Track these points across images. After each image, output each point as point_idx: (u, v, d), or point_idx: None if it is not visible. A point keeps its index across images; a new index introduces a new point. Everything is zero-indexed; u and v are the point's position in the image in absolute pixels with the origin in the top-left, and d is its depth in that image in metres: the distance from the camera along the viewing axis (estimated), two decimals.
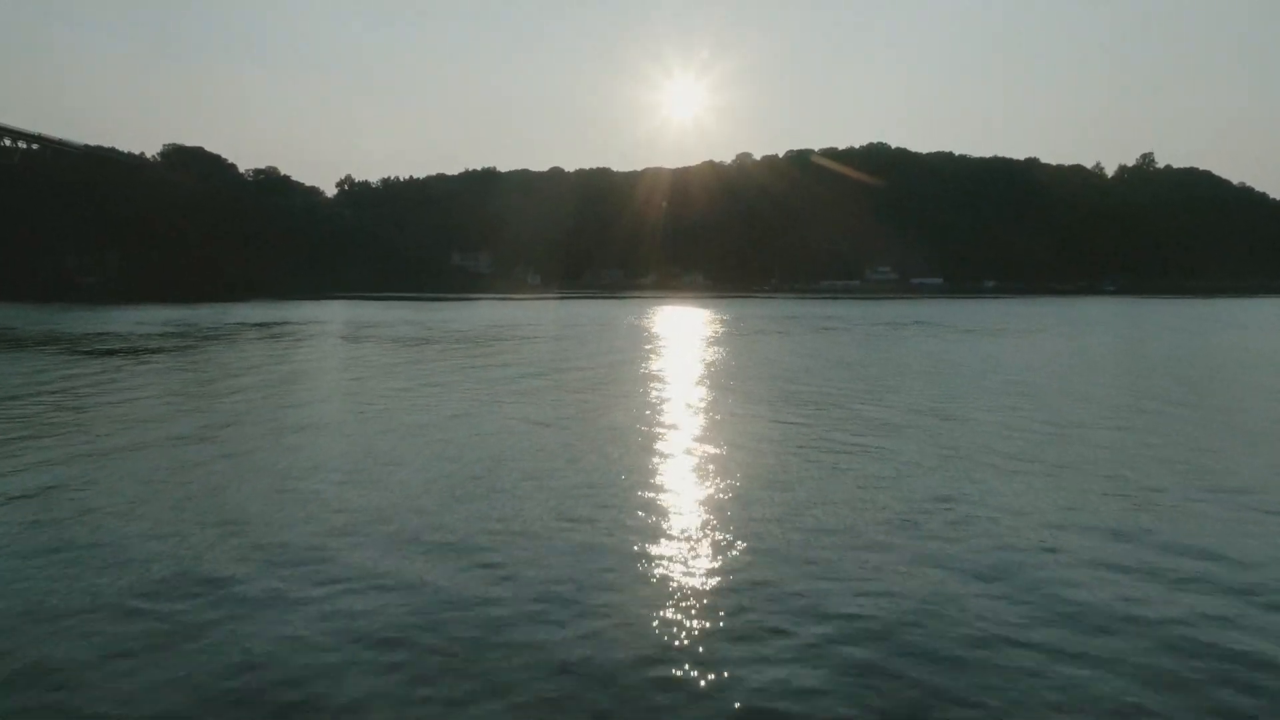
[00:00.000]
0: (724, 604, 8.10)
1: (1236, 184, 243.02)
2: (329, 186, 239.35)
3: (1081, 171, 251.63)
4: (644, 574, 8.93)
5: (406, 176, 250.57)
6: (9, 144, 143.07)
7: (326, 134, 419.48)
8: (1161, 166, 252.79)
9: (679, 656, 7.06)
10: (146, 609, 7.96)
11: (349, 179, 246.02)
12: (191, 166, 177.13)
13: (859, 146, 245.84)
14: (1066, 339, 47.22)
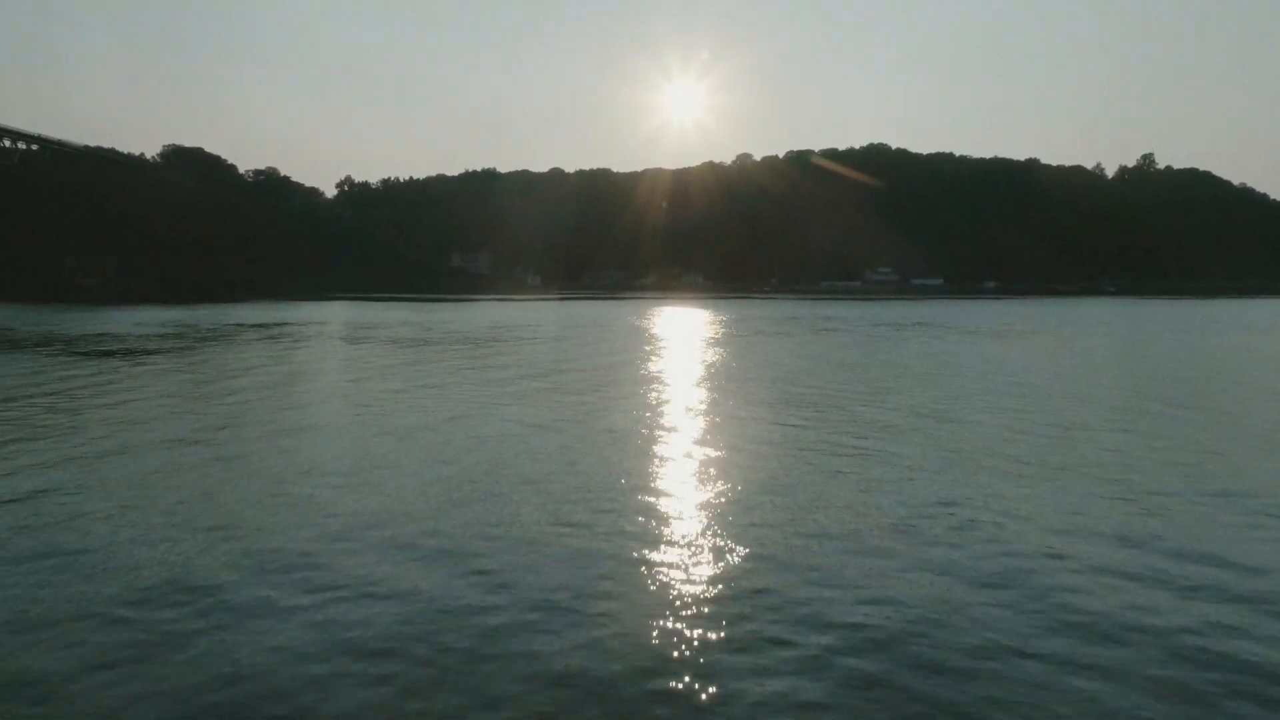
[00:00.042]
0: (724, 613, 7.91)
1: (1237, 185, 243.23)
2: (329, 187, 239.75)
3: (1082, 172, 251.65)
4: (642, 582, 8.74)
5: (406, 177, 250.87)
6: (8, 145, 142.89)
7: (326, 135, 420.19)
8: (1162, 167, 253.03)
9: (678, 668, 6.87)
10: (132, 618, 7.77)
11: (349, 180, 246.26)
12: (191, 167, 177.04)
13: (859, 147, 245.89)
14: (1067, 340, 47.06)
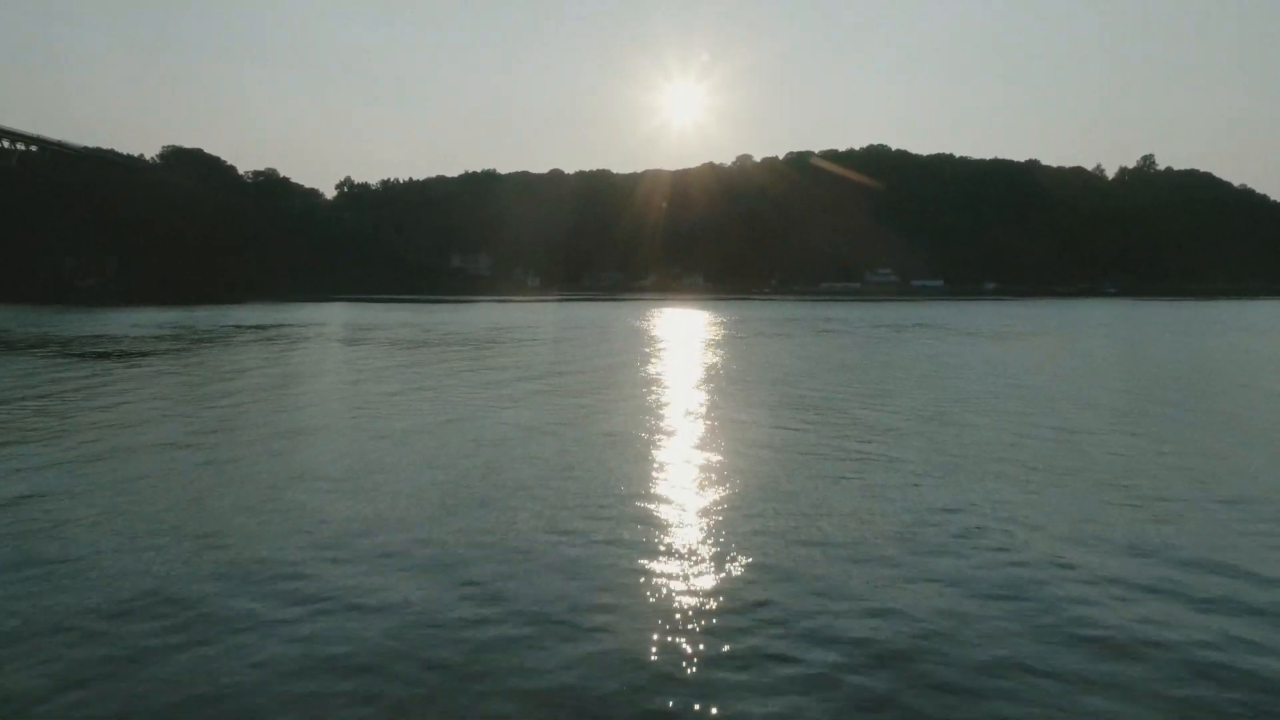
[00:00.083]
0: (724, 627, 7.64)
1: (1237, 186, 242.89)
2: (328, 188, 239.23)
3: (1082, 173, 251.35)
4: (640, 593, 8.47)
5: (406, 178, 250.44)
6: (7, 145, 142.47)
7: (326, 136, 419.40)
8: (1162, 168, 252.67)
9: (676, 687, 6.60)
10: (110, 631, 7.50)
11: (348, 181, 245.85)
12: (191, 168, 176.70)
13: (859, 148, 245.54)
14: (1068, 342, 46.79)
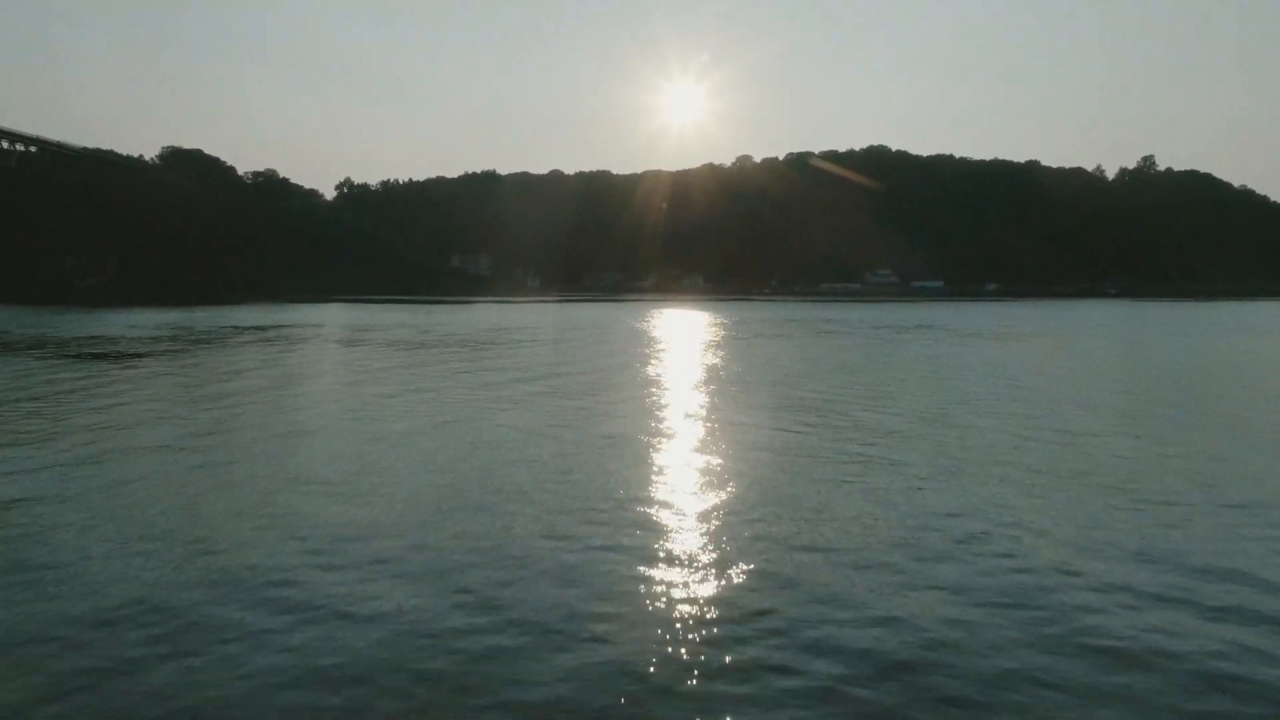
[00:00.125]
0: (724, 637, 7.45)
1: (1237, 186, 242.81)
2: (328, 189, 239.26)
3: (1082, 174, 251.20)
4: (638, 602, 8.28)
5: (406, 179, 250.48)
6: (6, 146, 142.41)
7: (325, 136, 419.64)
8: (1162, 169, 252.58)
9: (674, 700, 6.41)
10: (94, 641, 7.31)
11: (348, 181, 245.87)
12: (190, 169, 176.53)
13: (859, 149, 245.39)
14: (1069, 343, 46.61)
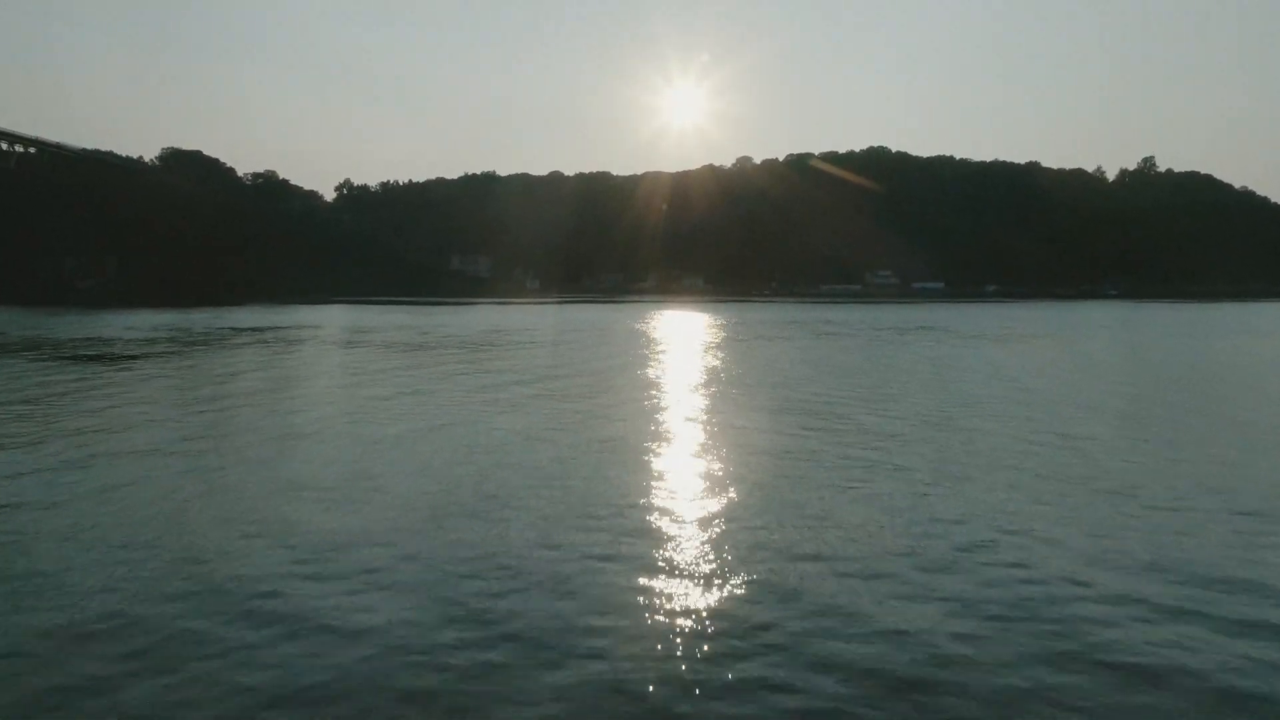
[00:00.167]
0: (724, 653, 7.18)
1: (1238, 188, 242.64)
2: (328, 190, 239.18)
3: (1082, 175, 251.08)
4: (636, 615, 8.01)
5: (406, 180, 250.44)
6: (6, 148, 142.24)
7: (325, 138, 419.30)
8: (1163, 170, 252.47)
9: (673, 719, 6.15)
10: (67, 657, 7.03)
11: (348, 183, 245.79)
12: (190, 170, 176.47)
13: (859, 150, 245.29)
14: (1071, 344, 46.37)
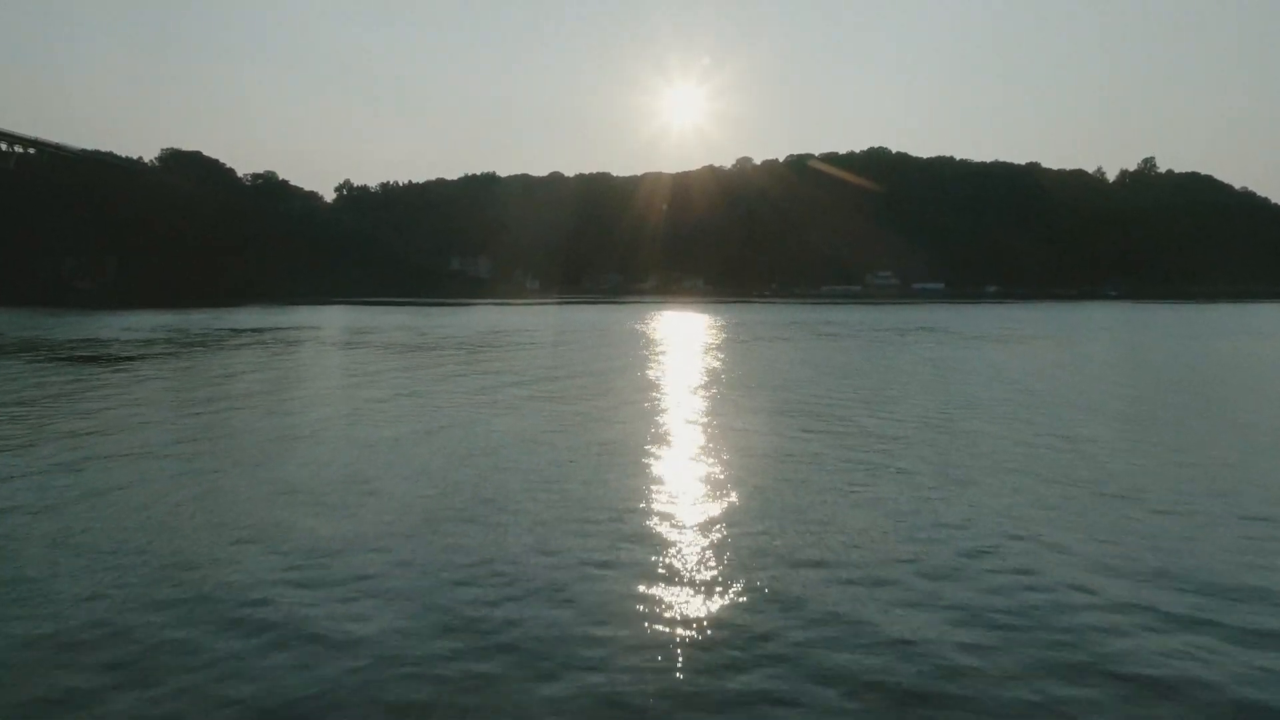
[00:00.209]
0: (724, 664, 6.96)
1: (1238, 189, 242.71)
2: (328, 191, 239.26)
3: (1083, 176, 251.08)
4: (633, 624, 7.79)
5: (406, 181, 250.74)
6: (5, 148, 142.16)
7: (325, 138, 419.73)
8: (1163, 171, 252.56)
9: None
10: (51, 667, 6.82)
11: (348, 184, 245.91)
12: (190, 171, 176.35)
13: (859, 151, 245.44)
14: (1071, 346, 46.17)
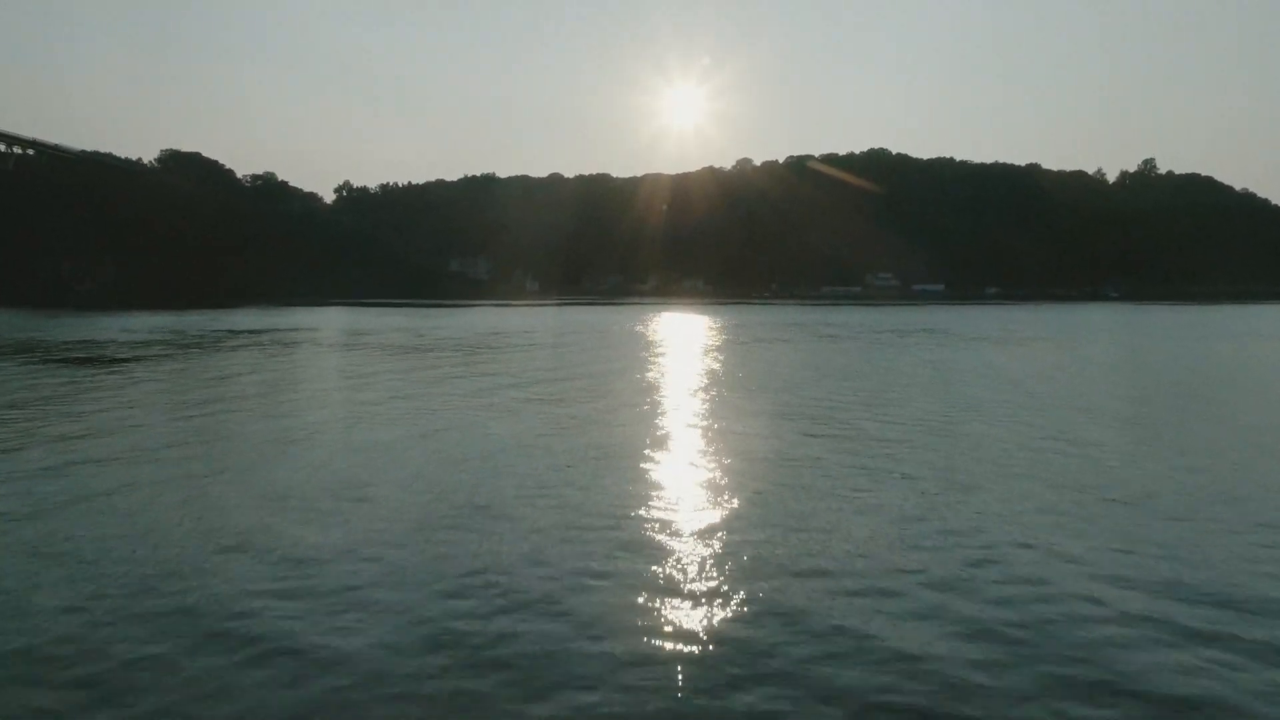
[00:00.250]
0: (724, 681, 6.69)
1: (1238, 190, 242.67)
2: (327, 192, 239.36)
3: (1083, 177, 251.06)
4: (629, 639, 7.52)
5: (405, 182, 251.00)
6: (4, 149, 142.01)
7: (325, 139, 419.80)
8: (1163, 172, 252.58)
9: None
10: (18, 689, 6.56)
11: (347, 185, 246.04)
12: (189, 172, 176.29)
13: (859, 152, 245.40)
14: (1073, 347, 45.92)
